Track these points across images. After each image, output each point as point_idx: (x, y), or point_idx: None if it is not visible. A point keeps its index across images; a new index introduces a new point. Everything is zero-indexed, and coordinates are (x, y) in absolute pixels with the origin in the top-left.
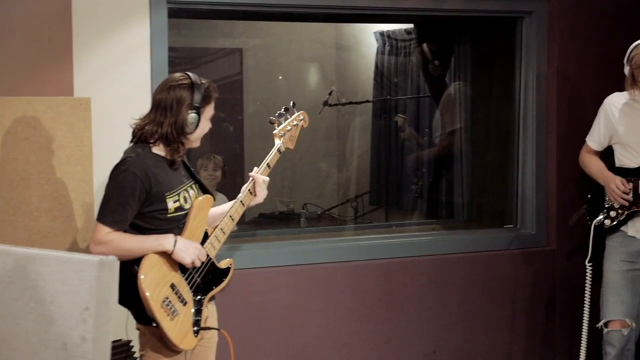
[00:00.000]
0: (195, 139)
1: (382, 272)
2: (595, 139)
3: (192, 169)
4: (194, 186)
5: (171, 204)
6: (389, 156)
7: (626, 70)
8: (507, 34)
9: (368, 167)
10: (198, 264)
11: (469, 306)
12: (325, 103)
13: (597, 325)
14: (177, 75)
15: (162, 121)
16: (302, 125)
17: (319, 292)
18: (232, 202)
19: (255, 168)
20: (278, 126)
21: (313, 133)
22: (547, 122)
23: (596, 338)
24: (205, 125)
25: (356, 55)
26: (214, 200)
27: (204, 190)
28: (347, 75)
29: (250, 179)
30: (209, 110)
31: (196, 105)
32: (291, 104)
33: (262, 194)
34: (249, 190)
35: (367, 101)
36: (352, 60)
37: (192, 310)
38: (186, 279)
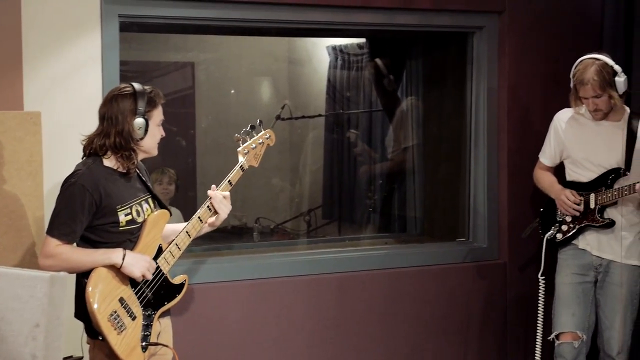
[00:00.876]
0: (148, 146)
1: (335, 286)
2: (547, 155)
3: (148, 183)
4: (150, 200)
5: (122, 217)
6: (342, 170)
7: (572, 85)
8: (458, 49)
9: (321, 181)
10: (149, 276)
11: (422, 319)
12: (278, 117)
13: (549, 338)
14: (120, 85)
15: (109, 132)
16: (269, 144)
17: (272, 307)
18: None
19: (214, 186)
20: (243, 143)
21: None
22: (498, 137)
23: (549, 351)
24: (155, 131)
25: (309, 69)
26: (170, 215)
27: (160, 205)
28: (299, 90)
29: (209, 197)
30: (157, 115)
31: (141, 110)
32: (257, 122)
33: (223, 210)
34: (207, 206)
35: (320, 115)
36: (304, 74)
37: (141, 325)
38: (136, 293)
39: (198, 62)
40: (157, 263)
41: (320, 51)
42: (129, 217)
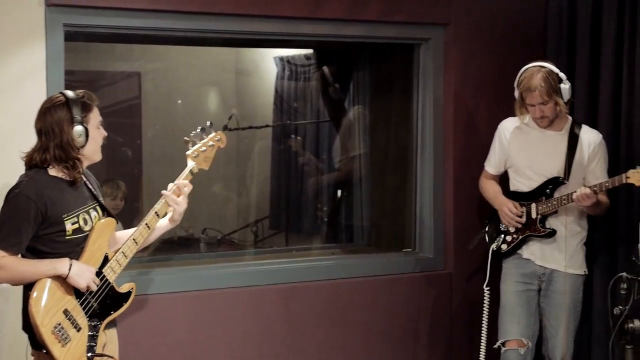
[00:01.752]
0: (91, 152)
1: (282, 296)
2: (492, 164)
3: (95, 191)
4: (97, 208)
5: (69, 226)
6: (289, 181)
7: (516, 94)
8: (405, 60)
9: (268, 191)
10: (94, 288)
11: (369, 330)
12: (225, 127)
13: (495, 346)
14: (51, 96)
15: (48, 146)
16: (219, 146)
17: (219, 318)
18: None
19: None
20: (192, 146)
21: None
22: (444, 147)
23: (495, 359)
24: (96, 135)
25: (256, 79)
26: (117, 223)
27: (108, 213)
28: (247, 100)
29: (162, 198)
30: (94, 118)
31: (77, 118)
32: (208, 124)
33: (178, 210)
34: (155, 212)
35: (267, 126)
36: (252, 84)
37: (87, 335)
38: (82, 304)
39: (145, 71)
40: (103, 272)
41: (267, 62)
42: (76, 225)
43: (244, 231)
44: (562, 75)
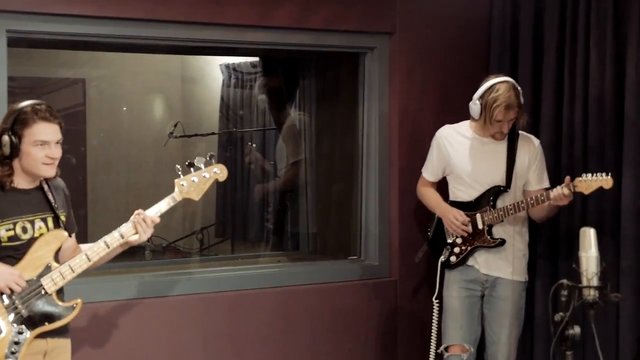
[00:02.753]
0: (28, 166)
1: (228, 304)
2: (430, 171)
3: (53, 203)
4: (49, 220)
5: (3, 232)
6: (235, 188)
7: (477, 106)
8: (351, 69)
9: (214, 199)
10: (16, 288)
11: (314, 337)
12: (170, 135)
13: (438, 350)
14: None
15: None
16: (217, 179)
17: (164, 326)
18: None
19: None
20: (185, 174)
21: (158, 165)
22: (389, 156)
23: None
24: (33, 152)
25: (202, 87)
26: (69, 236)
27: (66, 227)
28: (192, 107)
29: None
30: (31, 134)
31: (7, 128)
32: (208, 156)
33: (143, 238)
34: (120, 234)
35: (213, 133)
36: (197, 92)
37: (9, 340)
38: (7, 308)
39: (89, 78)
40: (40, 281)
41: (213, 69)
42: (11, 232)
43: (190, 239)
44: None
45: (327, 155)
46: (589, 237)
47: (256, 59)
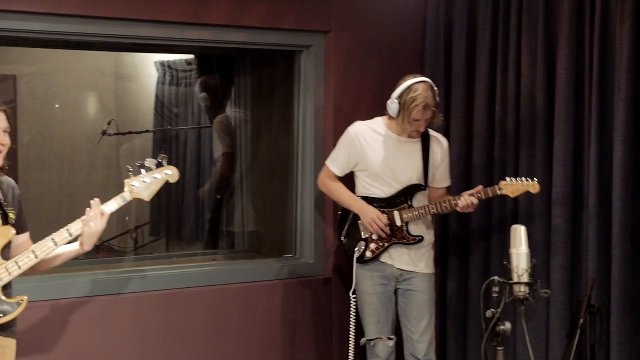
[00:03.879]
0: None
1: (162, 303)
2: (338, 165)
3: (3, 201)
4: None
5: None
6: (170, 186)
7: (395, 105)
8: (287, 67)
9: None
10: None
11: (250, 335)
12: (104, 132)
13: (360, 343)
14: None
15: None
16: (168, 180)
17: (97, 325)
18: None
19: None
20: (135, 175)
21: (92, 163)
22: (325, 153)
23: None
24: None
25: (136, 84)
26: (16, 233)
27: (15, 225)
28: (127, 105)
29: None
30: None
31: None
32: (159, 157)
33: (88, 231)
34: (67, 230)
35: (147, 131)
36: (132, 89)
37: None
38: None
39: (21, 75)
40: None
41: (148, 67)
42: None
43: (124, 237)
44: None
45: (263, 153)
46: (519, 234)
47: (192, 56)
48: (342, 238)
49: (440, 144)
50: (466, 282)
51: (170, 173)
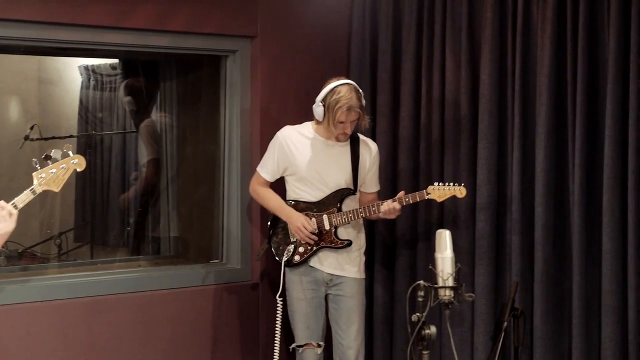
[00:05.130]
0: None
1: (86, 310)
2: (268, 170)
3: None
4: None
5: None
6: (95, 192)
7: (320, 108)
8: (213, 71)
9: (73, 203)
10: None
11: (175, 342)
12: (27, 138)
13: (290, 348)
14: None
15: None
16: (76, 169)
17: (21, 333)
18: None
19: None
20: (42, 167)
21: (14, 168)
22: (251, 159)
23: None
24: None
25: (60, 89)
26: None
27: None
28: (50, 110)
29: None
30: None
31: None
32: (64, 148)
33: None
34: None
35: (72, 136)
36: (55, 94)
37: None
38: None
39: None
40: None
41: (72, 71)
42: None
43: (47, 244)
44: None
45: (189, 158)
46: (444, 239)
47: (116, 60)
48: (272, 241)
49: (369, 149)
50: (393, 287)
51: (76, 162)
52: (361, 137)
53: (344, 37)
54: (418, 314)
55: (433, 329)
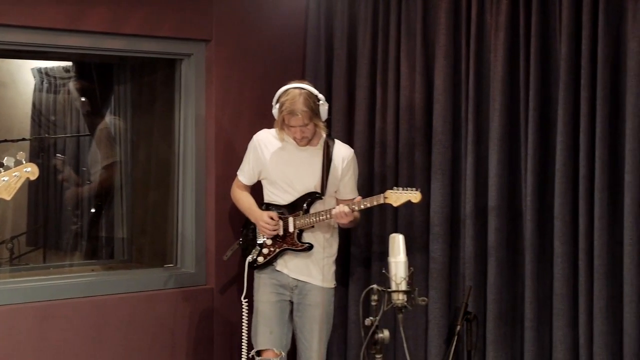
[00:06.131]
0: None
1: (39, 315)
2: (245, 174)
3: None
4: None
5: None
6: (48, 196)
7: (275, 112)
8: (168, 75)
9: (25, 207)
10: None
11: (129, 347)
12: None
13: (250, 355)
14: None
15: None
16: (28, 177)
17: None
18: None
19: None
20: None
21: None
22: (206, 163)
23: None
24: None
25: (12, 92)
26: None
27: None
28: (2, 112)
29: None
30: None
31: None
32: (17, 156)
33: None
34: None
35: (24, 139)
36: (8, 96)
37: None
38: None
39: None
40: None
41: (25, 73)
42: None
43: None
44: (320, 95)
45: (143, 161)
46: (397, 243)
47: (70, 63)
48: (241, 242)
49: (343, 154)
50: (347, 291)
51: (29, 170)
52: (337, 142)
53: (299, 42)
54: (371, 318)
55: (386, 333)
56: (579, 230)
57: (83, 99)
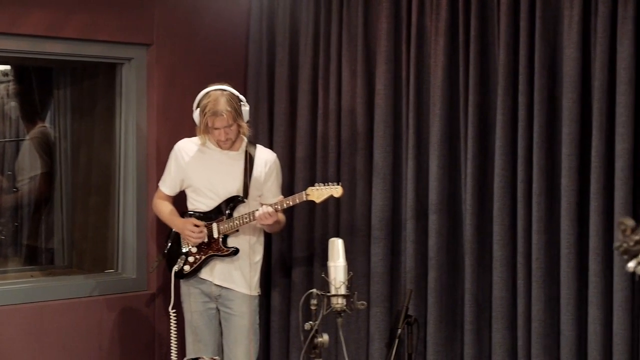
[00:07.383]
0: None
1: None
2: (167, 185)
3: None
4: None
5: None
6: None
7: (197, 117)
8: (108, 79)
9: None
10: None
11: (70, 354)
12: None
13: None
14: None
15: None
16: None
17: None
18: None
19: None
20: None
21: None
22: (147, 169)
23: None
24: None
25: None
26: None
27: None
28: None
29: None
30: None
31: None
32: None
33: None
34: None
35: None
36: None
37: None
38: None
39: None
40: None
41: None
42: None
43: None
44: (241, 97)
45: (84, 167)
46: (337, 247)
47: (8, 67)
48: (165, 253)
49: (265, 159)
50: (289, 296)
51: None
52: (259, 147)
53: (241, 47)
54: (311, 322)
55: (325, 337)
56: (517, 234)
57: (21, 103)
